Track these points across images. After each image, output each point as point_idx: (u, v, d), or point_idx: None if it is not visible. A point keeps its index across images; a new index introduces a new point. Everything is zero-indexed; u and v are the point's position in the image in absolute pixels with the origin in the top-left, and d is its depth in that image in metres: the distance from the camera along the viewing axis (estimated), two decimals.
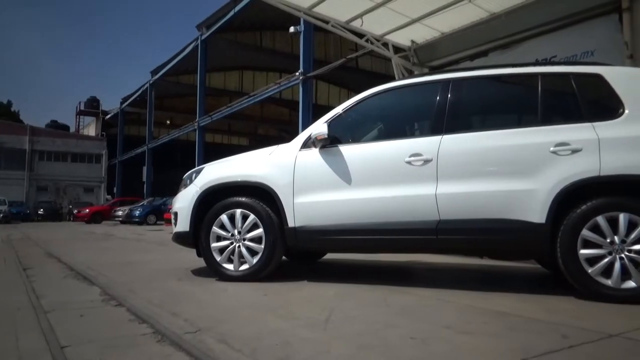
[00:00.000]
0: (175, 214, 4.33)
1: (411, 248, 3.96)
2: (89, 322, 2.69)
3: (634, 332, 2.38)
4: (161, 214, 20.79)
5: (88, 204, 32.44)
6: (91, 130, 46.65)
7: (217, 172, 4.22)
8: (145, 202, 25.23)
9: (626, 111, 3.28)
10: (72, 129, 48.94)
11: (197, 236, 4.10)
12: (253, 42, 28.67)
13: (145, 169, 33.28)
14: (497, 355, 2.04)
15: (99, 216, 26.19)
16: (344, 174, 3.75)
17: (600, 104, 3.50)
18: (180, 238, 4.28)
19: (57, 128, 46.01)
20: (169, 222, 15.47)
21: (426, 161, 3.54)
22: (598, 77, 3.45)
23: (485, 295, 3.41)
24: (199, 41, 25.38)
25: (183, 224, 4.17)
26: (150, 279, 4.20)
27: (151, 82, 32.59)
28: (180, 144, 34.96)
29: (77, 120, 49.13)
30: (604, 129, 3.25)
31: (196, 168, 4.51)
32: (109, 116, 43.16)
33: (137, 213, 22.23)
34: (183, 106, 35.06)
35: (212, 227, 4.02)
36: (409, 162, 3.58)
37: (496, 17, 7.22)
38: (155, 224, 21.46)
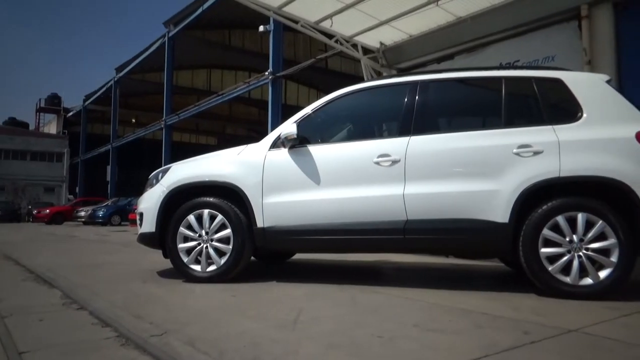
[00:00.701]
0: (141, 214, 4.23)
1: (379, 248, 4.01)
2: (48, 327, 2.60)
3: (591, 327, 2.47)
4: (126, 215, 20.29)
5: (48, 204, 31.30)
6: (52, 128, 45.07)
7: (184, 171, 4.15)
8: (109, 202, 24.55)
9: (584, 115, 3.41)
10: (32, 127, 47.18)
11: (163, 237, 4.03)
12: (222, 41, 28.34)
13: (109, 168, 32.41)
14: (462, 352, 2.08)
15: (60, 217, 25.32)
16: (313, 174, 3.75)
17: (560, 107, 3.62)
18: (145, 239, 4.19)
19: (15, 125, 44.25)
20: (134, 222, 15.12)
21: (394, 162, 3.59)
22: (558, 82, 3.57)
23: (451, 293, 3.48)
24: (166, 38, 24.90)
25: (149, 225, 4.09)
26: (114, 281, 4.09)
27: (116, 79, 31.77)
28: (146, 143, 34.22)
29: (37, 117, 47.36)
30: (564, 132, 3.38)
31: (163, 167, 4.43)
32: (71, 114, 41.82)
33: (100, 213, 21.62)
34: (149, 104, 34.31)
35: (179, 227, 3.96)
36: (377, 163, 3.62)
37: (462, 21, 7.39)
38: (119, 224, 20.94)
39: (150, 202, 4.14)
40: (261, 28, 15.92)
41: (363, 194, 3.62)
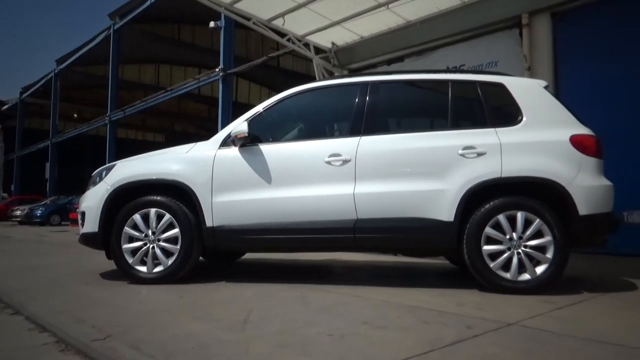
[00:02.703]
0: (83, 213, 4.05)
1: (330, 247, 4.05)
2: None
3: (528, 321, 2.61)
4: (66, 214, 19.33)
5: None
6: None
7: (130, 169, 4.01)
8: (48, 200, 23.32)
9: (524, 118, 3.59)
10: None
11: (106, 237, 3.87)
12: (171, 35, 27.57)
13: (48, 165, 30.78)
14: (410, 347, 2.14)
15: None
16: (264, 173, 3.73)
17: (502, 111, 3.79)
18: (88, 239, 4.02)
19: None
20: (75, 222, 14.45)
21: (345, 161, 3.63)
22: (501, 87, 3.74)
23: (400, 290, 3.56)
24: (111, 30, 23.92)
25: (91, 225, 3.92)
26: (53, 284, 3.90)
27: (56, 71, 30.17)
28: (89, 139, 32.74)
29: None
30: (505, 134, 3.54)
31: (107, 165, 4.26)
32: (6, 107, 39.28)
33: (38, 213, 20.48)
34: (93, 99, 32.86)
35: (124, 227, 3.82)
36: (328, 162, 3.65)
37: (412, 25, 7.58)
38: (59, 224, 19.92)
39: (93, 200, 3.97)
40: (212, 24, 15.61)
41: (314, 193, 3.64)
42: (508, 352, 2.10)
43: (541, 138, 3.51)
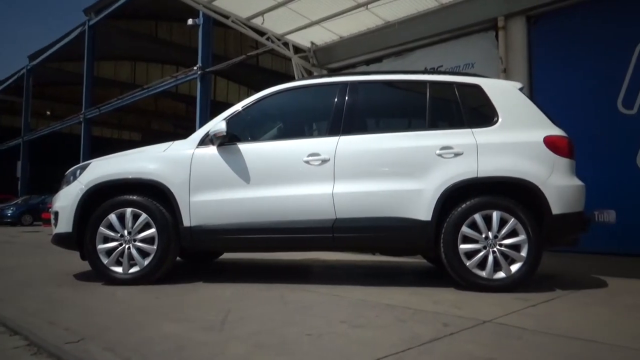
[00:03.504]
0: (56, 213, 3.96)
1: (309, 246, 4.06)
2: None
3: (503, 318, 2.66)
4: (39, 214, 18.87)
5: None
6: None
7: (105, 168, 3.94)
8: (19, 200, 22.72)
9: (499, 119, 3.66)
10: None
11: (81, 238, 3.79)
12: (148, 32, 27.13)
13: (20, 163, 29.96)
14: (387, 345, 2.15)
15: None
16: (243, 173, 3.71)
17: (478, 112, 3.85)
18: (61, 240, 3.93)
19: None
20: (48, 222, 14.12)
21: (324, 161, 3.63)
22: (477, 88, 3.80)
23: (378, 289, 3.59)
24: (86, 26, 23.42)
25: (65, 225, 3.83)
26: (25, 286, 3.80)
27: (29, 67, 29.37)
28: (63, 137, 31.97)
29: None
30: (481, 135, 3.60)
31: (81, 164, 4.17)
32: None
33: (9, 212, 19.93)
34: (67, 96, 32.10)
35: (98, 227, 3.75)
36: (307, 162, 3.65)
37: (390, 26, 7.64)
38: (31, 224, 19.43)
39: (66, 200, 3.88)
40: (190, 21, 15.42)
41: (293, 192, 3.64)
42: (483, 348, 2.13)
43: (516, 139, 3.58)
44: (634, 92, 5.72)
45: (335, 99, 3.86)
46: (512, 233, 3.43)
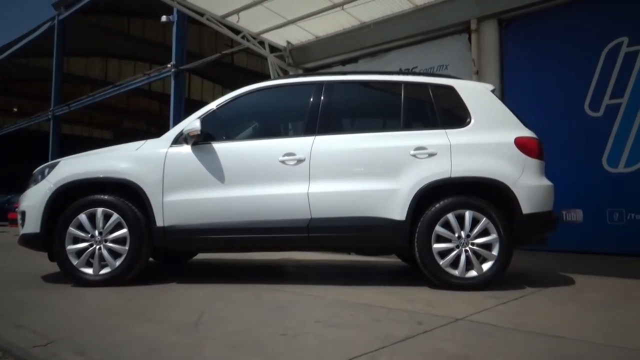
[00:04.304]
0: (23, 213, 3.84)
1: (284, 246, 4.05)
2: None
3: (475, 315, 2.71)
4: (5, 214, 18.27)
5: None
6: None
7: (75, 167, 3.84)
8: None
9: (472, 121, 3.73)
10: None
11: (49, 238, 3.69)
12: (120, 28, 26.55)
13: None
14: (362, 344, 2.17)
15: None
16: (217, 172, 3.68)
17: (452, 113, 3.91)
18: (28, 240, 3.82)
19: None
20: (14, 222, 13.69)
21: (299, 161, 3.63)
22: (451, 89, 3.86)
23: (353, 289, 3.61)
24: (55, 21, 22.78)
25: (32, 225, 3.72)
26: None
27: None
28: (30, 135, 31.02)
29: None
30: (455, 136, 3.66)
31: (50, 162, 4.06)
32: None
33: None
34: (35, 92, 31.15)
35: (68, 227, 3.65)
36: (282, 162, 3.64)
37: (366, 27, 7.69)
38: None
39: (34, 199, 3.77)
40: (164, 18, 15.16)
41: (268, 192, 3.62)
42: (456, 346, 2.17)
43: (488, 140, 3.65)
44: (600, 95, 5.92)
45: (311, 99, 3.87)
46: (484, 232, 3.49)
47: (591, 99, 5.97)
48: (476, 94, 3.90)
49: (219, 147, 3.74)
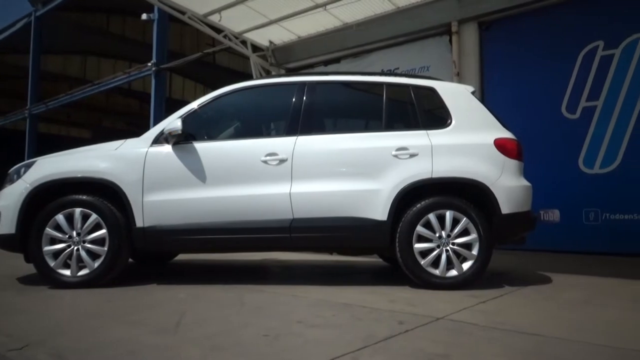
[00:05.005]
0: None
1: (266, 246, 4.03)
2: None
3: (455, 314, 2.74)
4: None
5: None
6: None
7: (52, 166, 3.76)
8: None
9: (453, 122, 3.77)
10: None
11: (25, 239, 3.61)
12: (99, 25, 26.11)
13: None
14: (343, 344, 2.17)
15: None
16: (199, 172, 3.65)
17: (433, 114, 3.95)
18: (3, 242, 3.72)
19: None
20: None
21: (282, 161, 3.62)
22: (432, 90, 3.90)
23: (335, 289, 3.61)
24: (32, 17, 22.30)
25: (7, 226, 3.63)
26: None
27: None
28: (5, 134, 30.28)
29: None
30: (436, 137, 3.70)
31: (26, 162, 3.97)
32: None
33: None
34: (11, 90, 30.39)
35: (45, 228, 3.57)
36: (265, 162, 3.63)
37: (348, 27, 7.71)
38: None
39: (9, 199, 3.68)
40: (144, 16, 14.93)
41: (250, 192, 3.61)
42: (437, 345, 2.19)
43: (468, 141, 3.69)
44: (577, 98, 6.04)
45: (293, 99, 3.86)
46: (464, 232, 3.53)
47: (568, 101, 6.10)
48: (457, 96, 3.94)
49: (201, 147, 3.71)
